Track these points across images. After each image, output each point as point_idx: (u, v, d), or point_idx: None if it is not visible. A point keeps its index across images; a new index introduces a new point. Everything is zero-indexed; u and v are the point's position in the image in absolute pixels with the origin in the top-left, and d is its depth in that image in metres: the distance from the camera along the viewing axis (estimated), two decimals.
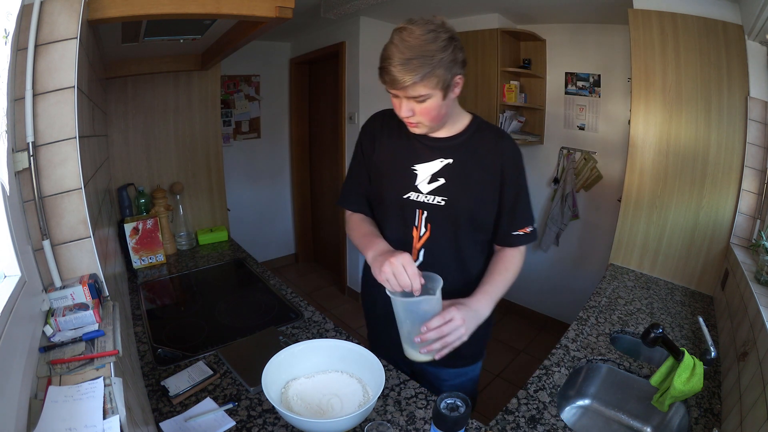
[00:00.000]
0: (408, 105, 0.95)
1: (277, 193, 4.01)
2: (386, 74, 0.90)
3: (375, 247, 1.02)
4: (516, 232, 1.08)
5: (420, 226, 1.07)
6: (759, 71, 1.55)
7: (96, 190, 1.14)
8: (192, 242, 2.12)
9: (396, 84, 0.89)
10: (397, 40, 0.89)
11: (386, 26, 3.04)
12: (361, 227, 1.14)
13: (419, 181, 1.06)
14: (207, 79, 2.12)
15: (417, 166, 1.06)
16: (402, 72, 0.87)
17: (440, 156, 1.05)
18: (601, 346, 1.32)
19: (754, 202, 1.59)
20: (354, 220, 1.18)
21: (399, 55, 0.87)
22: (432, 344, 0.91)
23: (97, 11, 0.92)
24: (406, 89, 0.90)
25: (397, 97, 0.96)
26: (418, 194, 1.06)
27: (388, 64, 0.88)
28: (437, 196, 1.05)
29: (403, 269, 0.89)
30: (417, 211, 1.07)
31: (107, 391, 0.61)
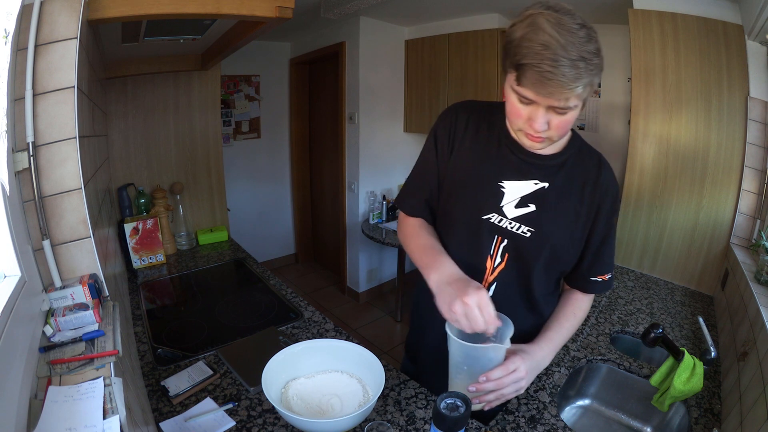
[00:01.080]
0: (546, 116, 0.75)
1: (277, 193, 4.01)
2: (542, 74, 0.68)
3: (441, 270, 0.85)
4: (595, 278, 0.95)
5: (496, 255, 0.91)
6: (759, 71, 1.55)
7: (96, 190, 1.14)
8: (192, 242, 2.12)
9: (556, 88, 0.69)
10: (553, 28, 0.68)
11: (386, 26, 3.05)
12: (420, 236, 0.96)
13: (505, 203, 0.89)
14: (207, 79, 2.12)
15: (506, 182, 0.88)
16: (571, 75, 0.68)
17: (535, 176, 0.88)
18: (601, 346, 1.32)
19: (754, 202, 1.59)
20: (411, 225, 1.00)
21: (565, 53, 0.67)
22: (487, 395, 0.82)
23: (97, 11, 0.92)
24: (560, 97, 0.70)
25: (529, 105, 0.75)
26: (502, 218, 0.89)
27: (547, 60, 0.67)
28: (523, 225, 0.88)
29: (478, 312, 0.76)
30: (496, 238, 0.90)
31: (107, 391, 0.61)
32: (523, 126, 0.79)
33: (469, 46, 2.74)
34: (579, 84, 0.69)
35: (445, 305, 0.80)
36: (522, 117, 0.78)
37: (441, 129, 0.96)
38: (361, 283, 3.49)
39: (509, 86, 0.77)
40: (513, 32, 0.73)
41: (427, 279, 0.87)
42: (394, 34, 3.14)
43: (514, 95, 0.77)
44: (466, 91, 2.82)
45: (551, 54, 0.67)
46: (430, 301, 0.87)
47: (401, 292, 3.20)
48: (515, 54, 0.72)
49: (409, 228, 1.01)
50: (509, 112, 0.81)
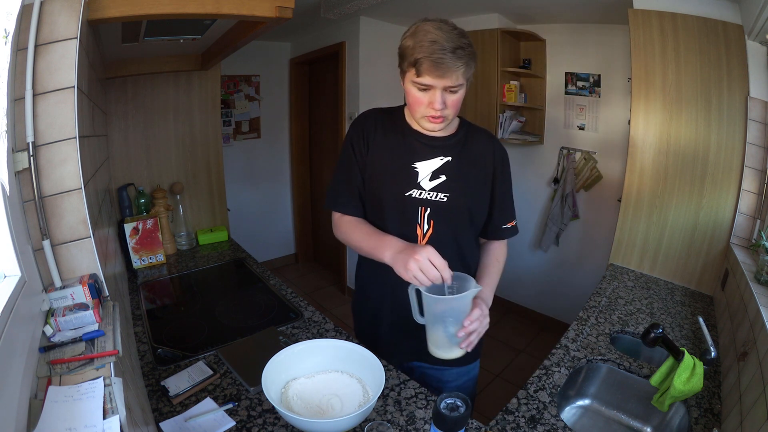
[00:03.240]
0: (442, 97, 0.95)
1: (277, 193, 4.01)
2: (434, 61, 0.90)
3: (389, 246, 0.99)
4: (504, 226, 1.17)
5: (423, 223, 1.08)
6: (759, 71, 1.55)
7: (96, 190, 1.14)
8: (192, 242, 2.12)
9: (446, 71, 0.90)
10: (435, 30, 0.91)
11: (386, 26, 3.04)
12: (359, 228, 1.11)
13: (421, 179, 1.07)
14: (207, 79, 2.12)
15: (417, 163, 1.07)
16: (453, 58, 0.89)
17: (440, 154, 1.07)
18: (601, 346, 1.32)
19: (754, 202, 1.59)
20: (347, 222, 1.14)
21: (447, 43, 0.89)
22: (470, 337, 0.93)
23: (97, 11, 0.93)
24: (451, 77, 0.92)
25: (427, 90, 0.96)
26: (421, 191, 1.07)
27: (436, 50, 0.89)
28: (440, 193, 1.06)
29: (429, 263, 0.88)
30: (420, 209, 1.07)
31: (107, 391, 0.61)
32: (425, 111, 0.99)
33: None
34: (461, 65, 0.91)
35: (401, 269, 0.92)
36: (423, 103, 0.98)
37: (355, 134, 1.12)
38: None
39: (409, 82, 0.97)
40: (405, 42, 0.96)
41: (381, 258, 1.00)
42: (394, 34, 3.12)
43: (414, 87, 0.97)
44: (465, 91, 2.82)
45: (438, 46, 0.90)
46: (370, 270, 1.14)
47: None
48: (411, 54, 0.93)
49: (347, 225, 1.14)
50: (412, 104, 1.01)
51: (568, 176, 2.76)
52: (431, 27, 0.92)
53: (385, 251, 0.99)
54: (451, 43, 0.90)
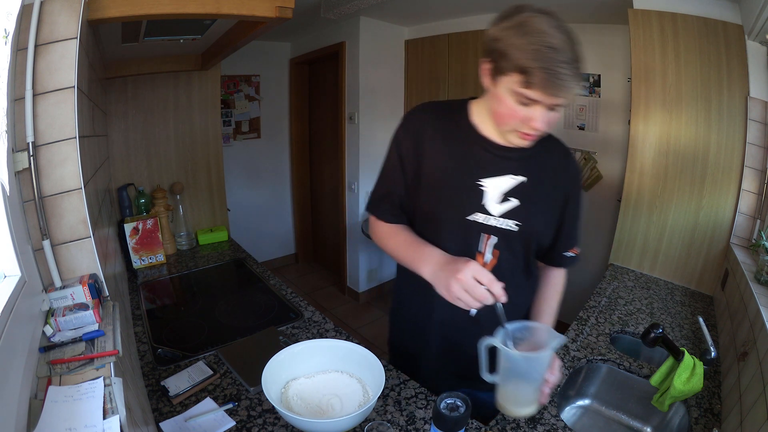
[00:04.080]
0: (547, 116, 0.78)
1: (277, 193, 4.01)
2: (552, 75, 0.70)
3: (428, 259, 0.86)
4: (568, 253, 1.02)
5: (485, 252, 0.92)
6: (759, 71, 1.55)
7: (96, 190, 1.14)
8: (192, 242, 2.12)
9: (562, 89, 0.72)
10: (553, 31, 0.72)
11: (386, 26, 3.04)
12: (397, 235, 0.96)
13: (487, 200, 0.90)
14: (207, 79, 2.12)
15: (484, 180, 0.89)
16: (574, 75, 0.71)
17: (511, 171, 0.90)
18: (601, 346, 1.32)
19: (754, 202, 1.59)
20: (387, 226, 1.00)
21: (568, 53, 0.71)
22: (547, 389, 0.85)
23: (97, 11, 0.92)
24: (565, 96, 0.74)
25: (530, 105, 0.77)
26: (487, 216, 0.90)
27: (557, 62, 0.70)
28: (509, 220, 0.90)
29: (474, 281, 0.76)
30: (483, 236, 0.91)
31: (107, 391, 0.61)
32: (519, 126, 0.81)
33: (469, 46, 2.74)
34: (579, 82, 0.73)
35: (443, 290, 0.80)
36: (519, 118, 0.79)
37: (405, 136, 0.95)
38: (361, 283, 3.49)
39: (506, 89, 0.78)
40: (508, 36, 0.75)
41: (419, 272, 0.88)
42: (394, 34, 3.14)
43: (513, 97, 0.77)
44: (466, 91, 2.81)
45: (560, 57, 0.70)
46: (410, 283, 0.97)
47: None
48: (518, 57, 0.73)
49: (386, 228, 1.01)
50: (503, 115, 0.81)
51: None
52: (546, 25, 0.73)
53: (424, 266, 0.86)
54: (571, 53, 0.72)
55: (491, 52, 0.79)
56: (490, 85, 0.83)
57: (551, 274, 1.06)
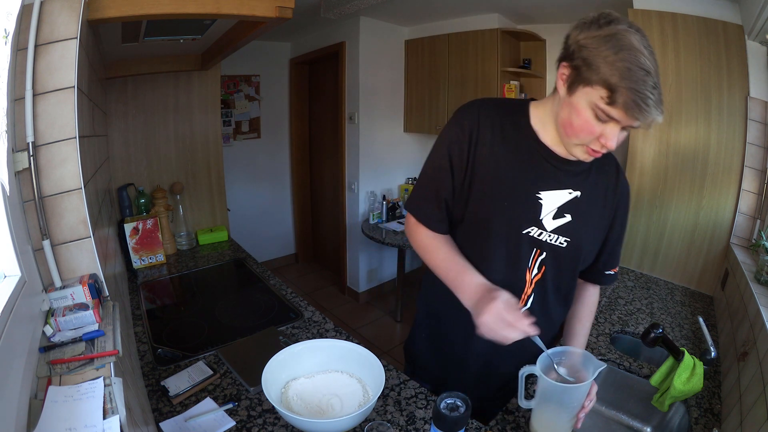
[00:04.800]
0: (620, 135, 0.74)
1: (277, 193, 4.01)
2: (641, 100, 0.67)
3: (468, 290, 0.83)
4: (608, 272, 1.00)
5: (533, 267, 0.90)
6: (759, 71, 1.55)
7: (96, 190, 1.14)
8: (192, 242, 2.12)
9: (647, 114, 0.68)
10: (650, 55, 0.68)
11: (386, 26, 3.04)
12: (441, 249, 0.91)
13: (544, 214, 0.86)
14: (207, 79, 2.12)
15: (543, 193, 0.86)
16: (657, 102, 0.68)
17: (568, 184, 0.87)
18: (601, 346, 1.32)
19: (754, 202, 1.59)
20: (427, 237, 0.94)
21: (655, 79, 0.68)
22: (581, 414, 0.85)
23: (97, 11, 0.92)
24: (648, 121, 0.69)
25: (607, 123, 0.73)
26: (542, 231, 0.87)
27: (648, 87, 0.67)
28: (560, 236, 0.88)
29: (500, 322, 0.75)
30: (534, 251, 0.89)
31: (107, 391, 0.61)
32: (589, 141, 0.77)
33: (469, 46, 2.74)
34: (661, 110, 0.69)
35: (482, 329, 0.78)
36: (593, 133, 0.75)
37: (459, 133, 0.87)
38: (361, 283, 3.49)
39: (589, 101, 0.73)
40: (599, 46, 0.70)
41: (458, 298, 0.86)
42: (394, 34, 3.14)
43: (592, 111, 0.73)
44: (466, 91, 2.82)
45: (652, 81, 0.67)
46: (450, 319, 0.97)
47: (401, 292, 3.20)
48: (609, 72, 0.68)
49: (428, 239, 0.94)
50: (577, 127, 0.76)
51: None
52: (640, 44, 0.68)
53: (463, 295, 0.84)
54: (658, 78, 0.68)
55: (575, 59, 0.74)
56: (565, 92, 0.78)
57: (588, 291, 1.04)
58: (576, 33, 0.74)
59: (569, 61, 0.76)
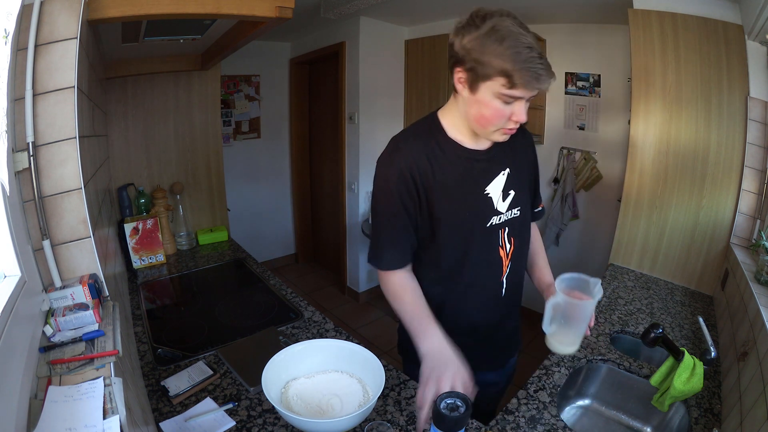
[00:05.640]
0: (525, 108, 0.87)
1: (277, 193, 4.01)
2: (535, 72, 0.78)
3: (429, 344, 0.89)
4: (536, 209, 1.16)
5: (504, 243, 1.03)
6: (759, 71, 1.55)
7: (96, 190, 1.14)
8: (192, 242, 2.12)
9: (543, 82, 0.79)
10: (523, 31, 0.79)
11: (386, 26, 3.04)
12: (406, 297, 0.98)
13: (496, 203, 1.00)
14: (207, 79, 2.13)
15: (487, 188, 0.99)
16: (547, 68, 0.79)
17: (498, 168, 1.00)
18: (601, 346, 1.32)
19: (754, 202, 1.59)
20: (393, 284, 1.00)
21: (538, 50, 0.79)
22: None
23: (97, 11, 0.93)
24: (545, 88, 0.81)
25: (513, 103, 0.84)
26: (500, 215, 1.01)
27: (535, 60, 0.78)
28: (513, 209, 1.03)
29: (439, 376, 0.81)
30: (500, 231, 1.02)
31: (107, 391, 0.61)
32: (504, 123, 0.88)
33: None
34: (552, 73, 0.80)
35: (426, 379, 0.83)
36: (505, 116, 0.86)
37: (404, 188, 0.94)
38: (361, 283, 3.49)
39: (490, 93, 0.83)
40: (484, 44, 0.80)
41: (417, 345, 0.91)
42: (394, 34, 3.14)
43: (499, 100, 0.83)
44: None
45: (536, 53, 0.78)
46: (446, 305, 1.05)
47: None
48: (501, 63, 0.78)
49: (394, 287, 1.00)
50: (489, 117, 0.86)
51: (568, 176, 2.76)
52: (514, 27, 0.79)
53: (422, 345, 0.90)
54: (539, 48, 0.79)
55: (467, 62, 0.84)
56: (468, 92, 0.87)
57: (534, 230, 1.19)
58: (459, 39, 0.84)
59: (462, 65, 0.85)
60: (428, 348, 0.88)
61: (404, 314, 0.97)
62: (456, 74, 0.88)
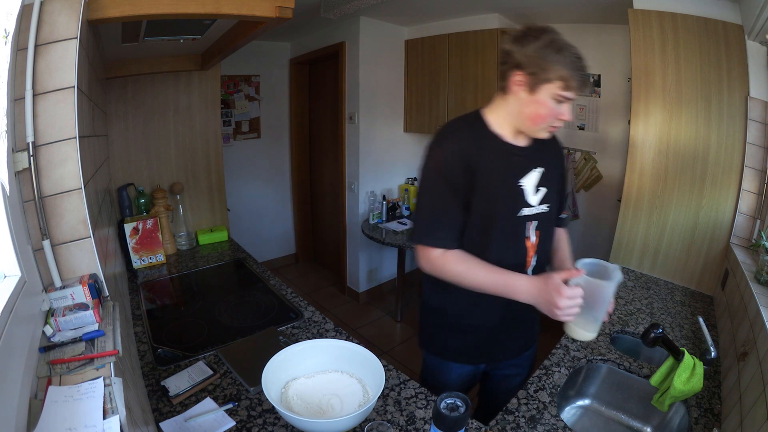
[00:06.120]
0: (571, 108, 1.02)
1: (277, 193, 4.01)
2: (583, 76, 0.95)
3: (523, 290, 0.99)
4: (562, 216, 1.25)
5: (530, 235, 1.11)
6: (759, 71, 1.55)
7: (96, 190, 1.14)
8: (192, 242, 2.12)
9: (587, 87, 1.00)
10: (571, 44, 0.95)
11: (386, 26, 3.04)
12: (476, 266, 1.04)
13: (528, 196, 1.08)
14: (207, 79, 2.13)
15: (522, 181, 1.07)
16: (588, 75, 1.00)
17: (534, 165, 1.09)
18: (601, 346, 1.32)
19: (754, 202, 1.59)
20: (456, 259, 1.05)
21: (582, 60, 0.95)
22: None
23: (97, 11, 0.93)
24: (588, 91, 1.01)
25: (563, 103, 0.98)
26: (530, 208, 1.09)
27: (583, 67, 0.94)
28: (543, 204, 1.11)
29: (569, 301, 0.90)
30: (527, 224, 1.10)
31: (107, 391, 0.61)
32: (552, 122, 1.01)
33: (469, 46, 2.74)
34: None
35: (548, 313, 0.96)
36: (555, 115, 0.99)
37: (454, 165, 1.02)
38: (361, 283, 3.49)
39: (547, 94, 0.96)
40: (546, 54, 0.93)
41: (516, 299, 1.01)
42: (394, 34, 3.14)
43: (553, 100, 0.96)
44: (466, 91, 2.82)
45: (583, 62, 0.95)
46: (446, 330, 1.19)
47: (401, 292, 3.20)
48: (559, 69, 0.93)
49: (455, 261, 1.05)
50: (543, 116, 0.99)
51: (568, 176, 2.76)
52: (565, 41, 0.95)
53: (520, 296, 1.00)
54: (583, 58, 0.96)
55: (527, 67, 0.96)
56: (526, 93, 0.99)
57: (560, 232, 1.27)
58: (519, 48, 0.97)
59: (523, 70, 0.97)
60: (527, 287, 0.99)
61: (483, 279, 1.04)
62: (514, 77, 0.99)
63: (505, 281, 1.02)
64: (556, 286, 0.91)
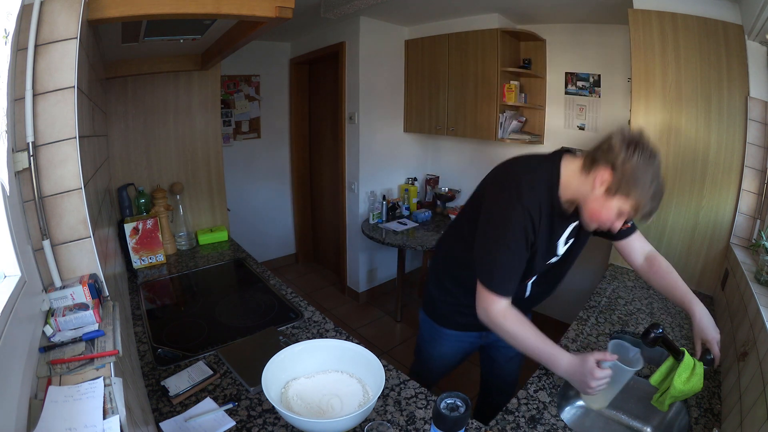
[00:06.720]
0: None
1: (277, 193, 4.01)
2: (652, 213, 0.97)
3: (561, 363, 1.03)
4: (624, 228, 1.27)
5: None
6: (759, 71, 1.55)
7: (96, 190, 1.14)
8: (192, 242, 2.12)
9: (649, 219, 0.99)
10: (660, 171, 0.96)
11: (386, 26, 3.04)
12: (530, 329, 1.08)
13: (560, 248, 1.16)
14: (207, 79, 2.12)
15: (560, 240, 1.15)
16: None
17: (573, 220, 1.12)
18: (601, 346, 1.32)
19: (754, 202, 1.59)
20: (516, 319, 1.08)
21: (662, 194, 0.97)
22: None
23: (97, 11, 0.92)
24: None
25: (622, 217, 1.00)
26: (557, 257, 1.18)
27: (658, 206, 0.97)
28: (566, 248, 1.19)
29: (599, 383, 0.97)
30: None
31: (107, 391, 0.61)
32: (603, 225, 1.03)
33: (469, 46, 2.74)
34: None
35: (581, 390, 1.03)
36: (610, 222, 1.01)
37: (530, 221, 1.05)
38: (361, 283, 3.49)
39: (620, 207, 0.97)
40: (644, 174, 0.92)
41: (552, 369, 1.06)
42: (394, 34, 3.14)
43: (614, 211, 0.98)
44: (466, 91, 2.82)
45: (661, 197, 0.95)
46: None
47: (401, 292, 3.20)
48: (642, 196, 0.93)
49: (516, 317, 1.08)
50: (603, 219, 1.01)
51: None
52: (660, 170, 0.95)
53: (557, 369, 1.04)
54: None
55: (619, 174, 0.94)
56: (601, 192, 0.98)
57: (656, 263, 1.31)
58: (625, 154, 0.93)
59: (614, 172, 0.95)
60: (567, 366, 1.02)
61: (532, 346, 1.07)
62: (603, 172, 0.96)
63: (550, 354, 1.05)
64: (590, 370, 0.96)
